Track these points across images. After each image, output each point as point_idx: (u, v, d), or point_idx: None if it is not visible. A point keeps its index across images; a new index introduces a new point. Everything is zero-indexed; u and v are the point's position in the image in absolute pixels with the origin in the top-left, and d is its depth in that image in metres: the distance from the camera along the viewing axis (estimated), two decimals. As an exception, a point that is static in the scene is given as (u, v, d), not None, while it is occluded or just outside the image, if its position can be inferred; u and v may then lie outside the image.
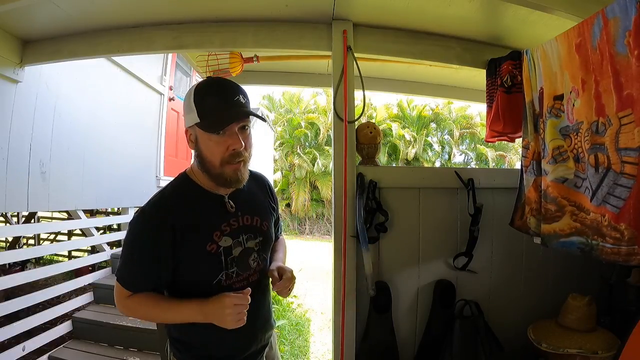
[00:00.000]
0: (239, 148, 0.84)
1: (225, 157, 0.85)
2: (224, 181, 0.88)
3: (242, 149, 0.85)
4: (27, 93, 2.16)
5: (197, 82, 0.89)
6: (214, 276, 0.89)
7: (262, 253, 0.99)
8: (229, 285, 0.91)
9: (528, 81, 1.31)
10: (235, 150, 0.84)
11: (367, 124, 1.63)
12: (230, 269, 0.91)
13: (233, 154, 0.85)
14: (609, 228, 0.96)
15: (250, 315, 0.92)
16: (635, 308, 1.32)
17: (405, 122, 14.96)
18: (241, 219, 0.95)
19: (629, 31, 0.88)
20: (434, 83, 2.38)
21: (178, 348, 0.96)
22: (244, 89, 0.89)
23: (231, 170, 0.86)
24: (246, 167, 0.90)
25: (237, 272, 0.92)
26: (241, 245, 0.93)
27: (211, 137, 0.84)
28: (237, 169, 0.87)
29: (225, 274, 0.90)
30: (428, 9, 1.45)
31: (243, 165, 0.88)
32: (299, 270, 5.60)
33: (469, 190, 1.52)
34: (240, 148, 0.85)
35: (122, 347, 2.44)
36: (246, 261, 0.94)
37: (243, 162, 0.88)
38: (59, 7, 1.49)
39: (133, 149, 3.47)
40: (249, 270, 0.95)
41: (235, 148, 0.84)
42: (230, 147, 0.84)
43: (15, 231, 3.28)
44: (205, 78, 0.92)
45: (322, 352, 3.42)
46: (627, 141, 0.91)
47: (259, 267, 0.98)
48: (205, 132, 0.84)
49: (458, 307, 1.50)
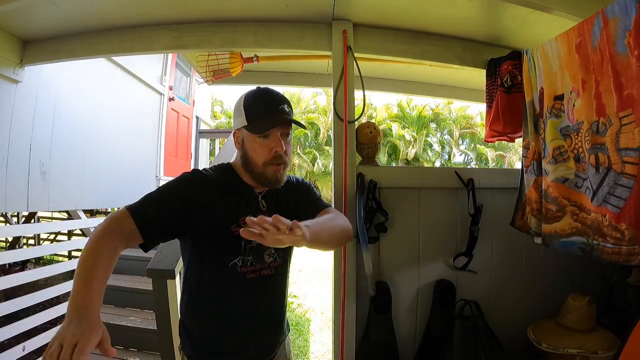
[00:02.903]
0: (280, 151, 0.93)
1: (268, 158, 0.93)
2: (264, 180, 0.95)
3: (283, 153, 0.93)
4: (27, 93, 2.16)
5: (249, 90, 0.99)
6: (231, 258, 0.93)
7: (280, 251, 1.00)
8: (243, 272, 0.94)
9: (528, 81, 1.31)
10: (277, 152, 0.92)
11: (367, 124, 1.62)
12: (247, 256, 0.94)
13: (275, 156, 0.93)
14: (609, 228, 0.96)
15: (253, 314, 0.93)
16: (635, 308, 1.32)
17: (405, 122, 14.97)
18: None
19: (629, 31, 0.88)
20: (434, 83, 2.38)
21: (183, 339, 1.00)
22: (289, 100, 0.98)
23: (272, 171, 0.94)
24: (285, 170, 0.97)
25: (252, 261, 0.95)
26: None
27: (256, 139, 0.93)
28: (277, 171, 0.94)
29: (242, 259, 0.94)
30: (428, 9, 1.45)
31: (283, 168, 0.95)
32: (298, 270, 5.61)
33: (469, 190, 1.52)
34: (281, 151, 0.93)
35: (122, 347, 2.44)
36: (261, 254, 0.96)
37: (283, 164, 0.95)
38: (59, 7, 1.49)
39: (133, 149, 3.47)
40: (262, 263, 0.97)
41: (277, 151, 0.92)
42: (273, 150, 0.92)
43: (15, 231, 3.28)
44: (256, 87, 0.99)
45: (322, 352, 3.42)
46: (628, 141, 0.91)
47: (274, 263, 0.99)
48: (251, 134, 0.93)
49: (458, 307, 1.50)
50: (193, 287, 0.98)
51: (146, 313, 2.58)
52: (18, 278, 2.24)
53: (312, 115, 14.99)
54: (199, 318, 0.98)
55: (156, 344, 1.87)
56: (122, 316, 2.58)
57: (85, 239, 3.06)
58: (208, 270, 0.95)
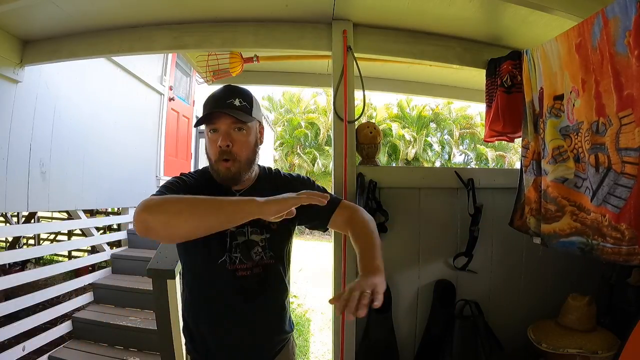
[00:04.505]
0: (223, 146, 0.89)
1: (217, 154, 0.91)
2: (218, 177, 0.93)
3: (228, 147, 0.90)
4: (27, 93, 2.16)
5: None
6: (219, 255, 0.93)
7: (268, 250, 0.99)
8: (233, 269, 0.94)
9: (528, 81, 1.31)
10: (220, 147, 0.90)
11: (367, 124, 1.63)
12: (234, 253, 0.94)
13: (220, 151, 0.90)
14: (609, 228, 0.96)
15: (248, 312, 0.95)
16: (635, 308, 1.32)
17: (405, 122, 14.96)
18: None
19: (629, 31, 0.88)
20: (434, 83, 2.38)
21: (186, 337, 1.02)
22: (251, 96, 0.95)
23: (222, 167, 0.91)
24: (238, 166, 0.92)
25: (241, 259, 0.95)
26: (244, 235, 0.96)
27: (209, 135, 0.92)
28: (227, 167, 0.91)
29: (229, 256, 0.94)
30: (428, 9, 1.45)
31: (233, 164, 0.91)
32: (299, 270, 5.60)
33: (469, 190, 1.52)
34: (224, 145, 0.89)
35: (122, 347, 2.44)
36: (248, 252, 0.96)
37: (232, 161, 0.91)
38: (59, 7, 1.49)
39: (133, 149, 3.47)
40: (251, 261, 0.96)
41: (220, 145, 0.89)
42: (218, 145, 0.90)
43: (15, 231, 3.28)
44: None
45: (322, 352, 3.42)
46: (628, 141, 0.91)
47: (263, 261, 0.98)
48: (206, 130, 0.92)
49: (458, 307, 1.50)
50: (189, 286, 1.00)
51: (146, 313, 2.58)
52: (18, 278, 2.24)
53: (312, 115, 14.99)
54: (198, 316, 0.99)
55: (156, 344, 1.87)
56: (122, 316, 2.58)
57: (85, 239, 3.07)
58: (200, 269, 0.96)
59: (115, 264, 3.09)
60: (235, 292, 0.95)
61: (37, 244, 4.70)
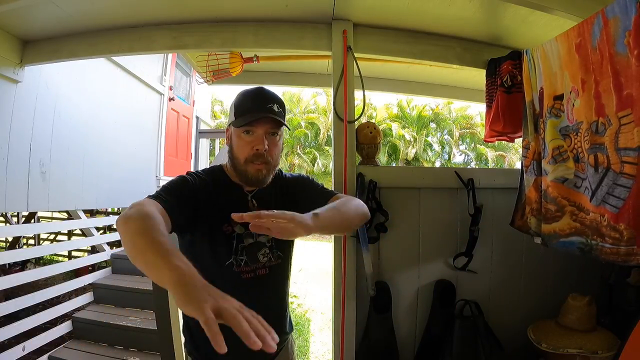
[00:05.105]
0: (261, 149, 0.91)
1: (250, 155, 0.92)
2: (246, 178, 0.95)
3: (265, 152, 0.92)
4: (27, 93, 2.16)
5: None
6: (225, 258, 0.93)
7: (276, 250, 0.99)
8: (238, 272, 0.94)
9: (528, 81, 1.31)
10: (258, 150, 0.91)
11: (367, 124, 1.63)
12: (240, 256, 0.95)
13: (256, 154, 0.92)
14: (608, 228, 0.96)
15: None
16: (635, 308, 1.32)
17: (405, 122, 14.95)
18: None
19: (628, 31, 0.88)
20: (434, 83, 2.38)
21: (186, 338, 1.02)
22: (282, 102, 0.97)
23: (253, 169, 0.93)
24: (269, 170, 0.95)
25: (247, 261, 0.95)
26: (252, 237, 0.96)
27: (241, 135, 0.93)
28: (259, 169, 0.93)
29: (235, 259, 0.94)
30: (428, 9, 1.45)
31: (265, 168, 0.94)
32: (299, 270, 5.61)
33: (469, 190, 1.52)
34: (262, 149, 0.91)
35: (122, 347, 2.44)
36: (255, 253, 0.96)
37: (265, 164, 0.93)
38: (59, 7, 1.49)
39: (133, 149, 3.47)
40: (256, 263, 0.97)
41: (258, 148, 0.91)
42: (254, 147, 0.91)
43: (15, 231, 3.29)
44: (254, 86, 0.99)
45: (322, 352, 3.43)
46: (627, 141, 0.91)
47: (269, 262, 0.98)
48: (237, 130, 0.93)
49: (458, 307, 1.50)
50: None
51: (146, 313, 2.59)
52: (18, 278, 2.24)
53: (312, 115, 14.98)
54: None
55: (156, 344, 1.87)
56: (122, 316, 2.58)
57: (85, 239, 3.07)
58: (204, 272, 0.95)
59: (115, 264, 3.09)
60: (239, 294, 0.95)
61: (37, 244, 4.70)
